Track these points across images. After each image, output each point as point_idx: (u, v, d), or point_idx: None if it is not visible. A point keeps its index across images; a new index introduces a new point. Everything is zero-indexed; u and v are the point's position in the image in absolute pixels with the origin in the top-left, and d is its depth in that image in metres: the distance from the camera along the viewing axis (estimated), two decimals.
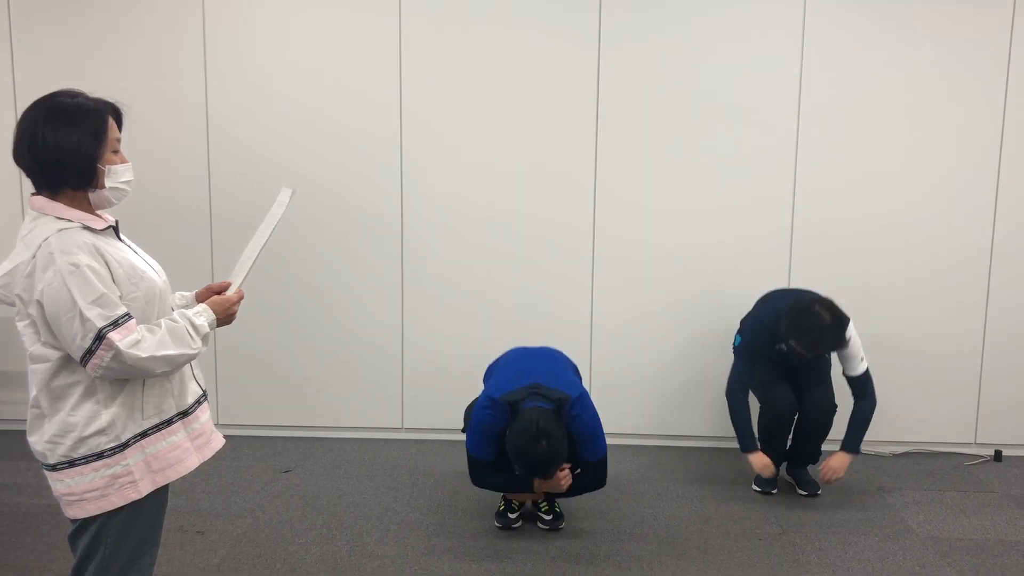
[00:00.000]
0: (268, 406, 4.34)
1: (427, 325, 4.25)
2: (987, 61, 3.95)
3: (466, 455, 3.21)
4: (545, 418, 2.95)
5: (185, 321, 1.90)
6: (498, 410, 3.09)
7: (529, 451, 2.93)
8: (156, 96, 4.12)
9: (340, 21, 4.07)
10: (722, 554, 3.11)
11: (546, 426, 2.92)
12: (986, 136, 4.00)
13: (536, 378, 3.18)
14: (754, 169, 4.07)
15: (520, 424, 2.96)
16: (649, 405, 4.25)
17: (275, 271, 4.11)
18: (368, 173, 4.16)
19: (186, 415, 1.99)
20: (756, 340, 3.58)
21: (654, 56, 4.02)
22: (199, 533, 3.23)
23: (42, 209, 1.84)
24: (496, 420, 3.09)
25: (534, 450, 2.92)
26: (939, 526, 3.37)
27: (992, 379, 4.14)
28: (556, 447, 2.94)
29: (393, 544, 3.16)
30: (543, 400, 3.07)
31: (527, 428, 2.92)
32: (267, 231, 2.12)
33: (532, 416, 2.95)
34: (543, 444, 2.91)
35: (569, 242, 4.16)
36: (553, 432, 2.93)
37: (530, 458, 2.95)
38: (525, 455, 2.95)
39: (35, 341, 1.82)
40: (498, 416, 3.08)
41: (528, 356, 3.41)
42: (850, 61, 3.98)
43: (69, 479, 1.84)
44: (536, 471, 3.02)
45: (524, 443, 2.92)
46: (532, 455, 2.94)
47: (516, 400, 3.07)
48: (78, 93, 1.88)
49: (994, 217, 4.05)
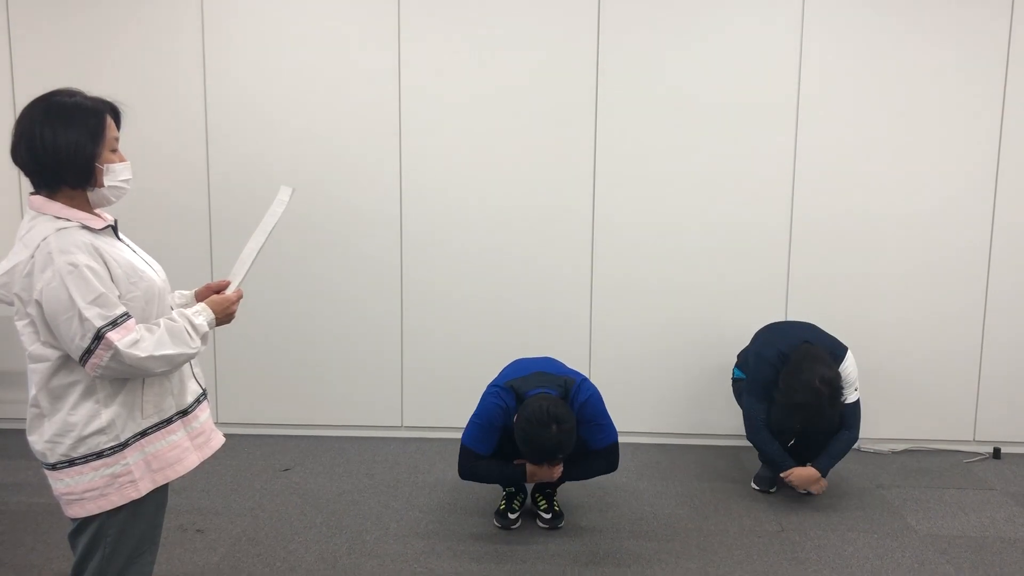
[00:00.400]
0: (267, 404, 4.34)
1: (426, 323, 4.25)
2: (986, 60, 3.95)
3: (460, 447, 3.21)
4: (554, 404, 2.98)
5: (184, 320, 1.90)
6: (505, 394, 3.11)
7: (540, 436, 2.94)
8: (153, 94, 4.11)
9: (338, 18, 4.07)
10: (721, 552, 3.11)
11: (556, 411, 2.95)
12: (985, 134, 4.00)
13: (539, 369, 3.23)
14: (753, 168, 4.06)
15: (529, 410, 2.97)
16: (648, 403, 4.26)
17: (274, 270, 4.11)
18: (367, 171, 4.15)
19: (186, 414, 1.99)
20: (762, 375, 3.53)
21: (653, 55, 4.02)
22: (199, 532, 3.23)
23: (40, 208, 1.83)
24: (502, 405, 3.10)
25: (545, 435, 2.93)
26: (938, 523, 3.38)
27: (991, 376, 4.14)
28: (567, 431, 2.96)
29: (393, 543, 3.16)
30: (548, 385, 3.10)
31: (537, 413, 2.94)
32: (267, 230, 2.12)
33: (541, 403, 2.98)
34: (554, 428, 2.93)
35: (567, 241, 4.16)
36: (563, 416, 2.96)
37: (541, 443, 2.96)
38: (536, 440, 2.96)
39: (34, 340, 1.82)
40: (505, 400, 3.10)
41: (527, 360, 3.42)
42: (849, 61, 3.98)
43: (69, 478, 1.84)
44: (546, 456, 3.02)
45: (535, 428, 2.94)
46: (544, 440, 2.95)
47: (521, 387, 3.10)
48: (76, 92, 1.88)
49: (993, 215, 4.05)
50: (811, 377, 3.28)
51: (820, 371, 3.30)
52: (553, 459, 3.04)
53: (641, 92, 4.05)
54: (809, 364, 3.34)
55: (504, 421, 3.12)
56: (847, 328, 3.89)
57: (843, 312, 4.08)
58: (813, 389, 3.27)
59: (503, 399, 3.12)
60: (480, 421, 3.15)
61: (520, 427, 3.00)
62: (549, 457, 3.03)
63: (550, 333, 4.20)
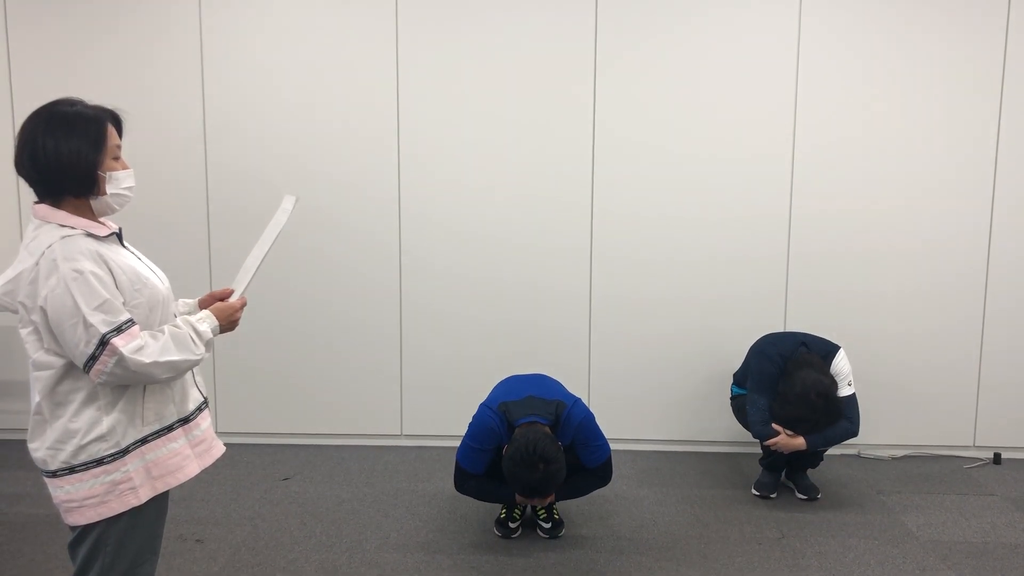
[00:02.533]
0: (267, 413, 4.33)
1: (425, 332, 4.25)
2: (983, 64, 3.97)
3: (455, 464, 3.20)
4: (542, 440, 2.93)
5: (188, 327, 1.90)
6: (496, 416, 3.09)
7: (526, 477, 2.91)
8: (152, 100, 4.12)
9: (336, 19, 4.08)
10: (722, 558, 3.11)
11: (543, 449, 2.90)
12: (983, 137, 4.01)
13: (531, 391, 3.19)
14: (752, 170, 4.07)
15: (516, 447, 2.93)
16: (648, 410, 4.25)
17: (273, 278, 4.11)
18: (365, 180, 4.16)
19: (187, 422, 1.99)
20: (766, 373, 3.58)
21: (651, 55, 4.03)
22: (198, 541, 3.22)
23: (45, 217, 1.84)
24: (494, 428, 3.08)
25: (531, 475, 2.91)
26: (939, 529, 3.37)
27: (991, 382, 4.14)
28: (554, 470, 2.92)
29: (393, 552, 3.16)
30: (539, 412, 3.06)
31: (524, 452, 2.90)
32: (270, 238, 2.12)
33: (529, 437, 2.93)
34: (540, 468, 2.90)
35: (567, 247, 4.16)
36: (550, 455, 2.91)
37: (528, 483, 2.93)
38: (522, 480, 2.93)
39: (38, 348, 1.82)
40: (496, 423, 3.08)
41: (520, 378, 3.41)
42: (848, 62, 4.00)
43: (69, 485, 1.83)
44: (533, 494, 3.01)
45: (521, 468, 2.91)
46: (530, 480, 2.92)
47: (513, 412, 3.06)
48: (77, 101, 1.89)
49: (991, 221, 4.06)
50: (806, 390, 3.40)
51: (815, 382, 3.41)
52: (542, 496, 3.02)
53: (638, 92, 4.06)
54: (804, 374, 3.44)
55: (496, 442, 3.10)
56: (847, 333, 3.90)
57: (843, 316, 4.09)
58: (808, 402, 3.39)
59: (494, 421, 3.09)
60: (472, 443, 3.13)
61: (507, 466, 2.96)
62: (536, 495, 3.01)
63: (550, 340, 4.20)
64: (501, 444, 3.09)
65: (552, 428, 3.05)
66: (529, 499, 3.08)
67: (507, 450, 2.99)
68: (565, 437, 3.08)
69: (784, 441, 3.48)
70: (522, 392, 3.19)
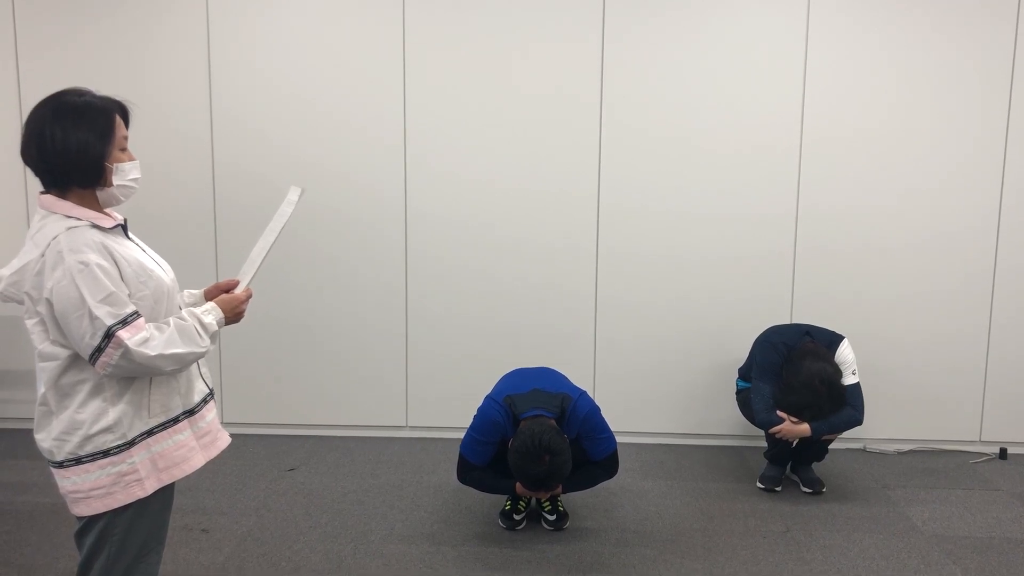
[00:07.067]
0: (272, 404, 4.34)
1: (431, 323, 4.25)
2: (992, 62, 3.94)
3: (459, 454, 3.21)
4: (548, 432, 2.93)
5: (193, 319, 1.90)
6: (501, 409, 3.09)
7: (532, 469, 2.92)
8: (160, 93, 4.12)
9: (343, 19, 4.07)
10: (726, 551, 3.11)
11: (549, 442, 2.90)
12: (992, 132, 3.99)
13: (536, 385, 3.19)
14: (758, 166, 4.06)
15: (522, 439, 2.93)
16: (652, 403, 4.25)
17: (279, 270, 4.12)
18: (372, 172, 4.15)
19: (192, 414, 1.99)
20: (770, 361, 3.59)
21: (657, 52, 4.02)
22: (204, 531, 3.24)
23: (51, 208, 1.83)
24: (498, 421, 3.08)
25: (537, 468, 2.91)
26: (944, 524, 3.37)
27: (997, 377, 4.13)
28: (559, 463, 2.92)
29: (398, 543, 3.16)
30: (545, 405, 3.06)
31: (529, 444, 2.90)
32: (276, 230, 2.12)
33: (535, 429, 2.93)
34: (546, 460, 2.90)
35: (573, 242, 4.16)
36: (556, 447, 2.91)
37: (534, 475, 2.94)
38: (528, 473, 2.94)
39: (44, 339, 1.82)
40: (501, 416, 3.08)
41: (526, 371, 3.40)
42: (856, 59, 3.98)
43: (75, 476, 1.84)
44: (539, 487, 3.01)
45: (527, 461, 2.91)
46: (536, 472, 2.92)
47: (518, 405, 3.06)
48: (85, 91, 1.88)
49: (999, 217, 4.04)
50: (810, 378, 3.42)
51: (819, 370, 3.43)
52: (547, 488, 3.02)
53: (645, 92, 4.04)
54: (809, 363, 3.46)
55: (500, 435, 3.10)
56: (854, 328, 3.88)
57: (850, 310, 4.07)
58: (813, 389, 3.41)
59: (500, 414, 3.09)
60: (476, 435, 3.13)
61: (512, 458, 2.96)
62: (542, 487, 3.01)
63: (555, 332, 4.20)
64: (505, 437, 3.09)
65: (558, 421, 3.05)
66: (535, 492, 3.08)
67: (513, 443, 2.99)
68: (571, 430, 3.08)
69: (788, 428, 3.48)
70: (527, 385, 3.19)
